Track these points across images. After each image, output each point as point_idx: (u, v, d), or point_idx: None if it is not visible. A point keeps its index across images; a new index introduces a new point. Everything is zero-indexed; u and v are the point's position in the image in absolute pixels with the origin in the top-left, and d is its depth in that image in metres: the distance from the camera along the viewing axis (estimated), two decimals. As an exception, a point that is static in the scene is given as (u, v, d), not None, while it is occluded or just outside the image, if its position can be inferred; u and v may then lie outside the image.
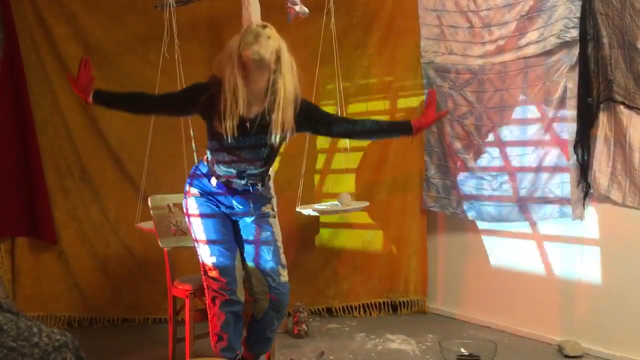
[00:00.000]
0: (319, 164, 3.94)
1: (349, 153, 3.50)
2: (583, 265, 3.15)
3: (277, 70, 2.27)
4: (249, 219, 2.52)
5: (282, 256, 2.55)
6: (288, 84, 2.29)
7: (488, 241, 3.61)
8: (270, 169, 2.61)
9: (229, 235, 2.52)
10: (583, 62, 2.99)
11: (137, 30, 3.71)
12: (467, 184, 3.54)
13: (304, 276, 3.81)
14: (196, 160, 3.37)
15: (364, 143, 3.84)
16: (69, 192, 3.65)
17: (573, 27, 3.01)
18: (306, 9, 2.39)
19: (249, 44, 2.23)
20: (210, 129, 2.43)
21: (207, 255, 2.48)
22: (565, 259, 3.25)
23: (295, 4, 2.36)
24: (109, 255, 3.72)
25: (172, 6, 3.25)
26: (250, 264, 2.52)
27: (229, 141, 2.33)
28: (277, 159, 3.72)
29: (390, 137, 2.83)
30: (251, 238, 2.51)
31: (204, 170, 2.51)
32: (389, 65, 3.83)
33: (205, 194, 2.51)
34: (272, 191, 2.66)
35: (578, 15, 2.99)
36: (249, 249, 2.52)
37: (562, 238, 3.25)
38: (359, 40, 3.84)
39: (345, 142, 3.52)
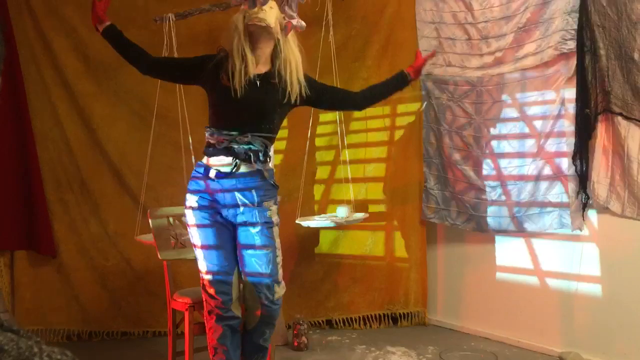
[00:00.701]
0: (319, 176, 3.94)
1: (348, 165, 3.51)
2: (583, 276, 3.15)
3: (282, 37, 2.43)
4: (253, 229, 2.45)
5: (280, 271, 2.52)
6: (294, 48, 2.46)
7: (488, 252, 3.61)
8: (271, 151, 2.55)
9: (228, 251, 2.48)
10: (580, 73, 3.00)
11: (136, 43, 3.72)
12: (467, 195, 3.54)
13: (304, 288, 3.80)
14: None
15: (363, 155, 3.85)
16: (69, 205, 3.66)
17: (570, 39, 3.03)
18: (303, 23, 2.40)
19: (254, 12, 2.38)
20: (216, 88, 2.43)
21: (205, 271, 2.47)
22: (565, 269, 3.24)
23: (293, 17, 2.36)
24: (108, 268, 3.71)
25: (172, 20, 3.27)
26: (246, 278, 2.50)
27: (238, 94, 2.34)
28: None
29: (391, 93, 2.79)
30: (250, 251, 2.47)
31: (201, 170, 2.47)
32: (387, 76, 3.83)
33: (205, 200, 2.45)
34: (274, 179, 2.58)
35: (575, 27, 3.01)
36: (247, 262, 2.48)
37: (562, 248, 3.25)
38: (358, 52, 3.86)
39: (345, 154, 3.53)
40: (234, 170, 2.41)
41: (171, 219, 3.00)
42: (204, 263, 2.47)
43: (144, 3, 3.72)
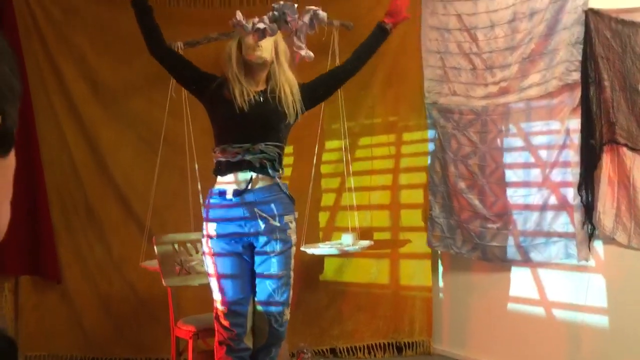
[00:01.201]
0: (324, 203, 3.95)
1: (353, 192, 3.52)
2: (589, 307, 3.12)
3: (276, 60, 2.47)
4: (272, 254, 2.42)
5: (290, 293, 2.52)
6: (286, 69, 2.49)
7: (494, 281, 3.59)
8: (281, 164, 2.54)
9: (245, 280, 2.45)
10: (585, 104, 3.02)
11: (145, 71, 3.77)
12: (472, 223, 3.54)
13: (308, 315, 3.78)
14: (201, 199, 3.39)
15: (369, 183, 3.85)
16: (74, 231, 3.66)
17: (574, 70, 3.05)
18: (311, 54, 2.43)
19: (251, 48, 2.40)
20: (221, 104, 2.44)
21: (220, 302, 2.45)
22: (571, 300, 3.22)
23: (301, 48, 2.39)
24: (112, 294, 3.70)
25: (181, 48, 3.31)
26: (259, 307, 2.48)
27: (245, 110, 2.37)
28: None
29: (376, 47, 2.79)
30: (267, 280, 2.43)
31: (216, 195, 2.45)
32: (393, 105, 3.88)
33: (225, 226, 2.42)
34: (290, 194, 2.57)
35: (579, 58, 3.03)
36: (263, 290, 2.45)
37: (568, 279, 3.23)
38: (364, 81, 3.88)
39: (350, 182, 3.54)
40: (250, 187, 2.40)
41: (176, 246, 3.01)
42: (220, 294, 2.44)
43: (153, 31, 3.77)
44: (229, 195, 2.41)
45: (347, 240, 3.41)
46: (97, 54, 3.70)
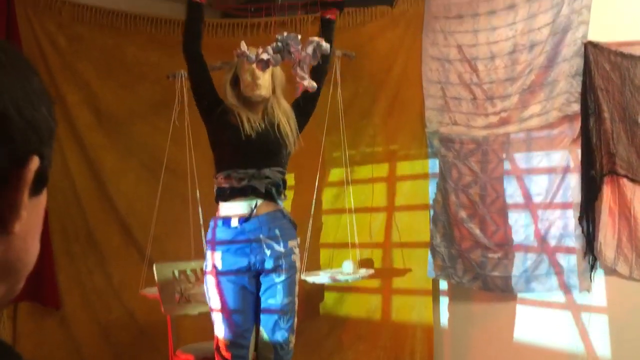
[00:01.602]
0: (324, 230, 3.94)
1: (354, 220, 3.51)
2: (591, 338, 3.10)
3: (273, 93, 2.53)
4: (277, 280, 2.42)
5: (295, 320, 2.50)
6: (283, 102, 2.54)
7: (495, 312, 3.57)
8: (285, 189, 2.56)
9: (249, 312, 2.44)
10: (585, 135, 3.04)
11: (148, 98, 3.81)
12: (473, 253, 3.53)
13: (308, 345, 3.74)
14: (202, 226, 3.40)
15: (369, 211, 3.85)
16: (75, 257, 3.66)
17: (574, 102, 3.08)
18: (314, 83, 2.46)
19: (249, 87, 2.44)
20: (227, 128, 2.46)
21: (222, 334, 2.42)
22: (573, 331, 3.20)
23: (304, 78, 2.42)
24: (111, 321, 3.68)
25: (184, 77, 3.35)
26: (264, 335, 2.45)
27: (247, 132, 2.39)
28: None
29: (331, 39, 2.70)
30: (273, 308, 2.43)
31: (220, 224, 2.45)
32: (394, 134, 3.90)
33: (230, 255, 2.41)
34: (293, 219, 2.59)
35: (579, 90, 3.06)
36: (268, 319, 2.44)
37: (570, 310, 3.22)
38: (365, 110, 3.92)
39: (351, 210, 3.54)
40: (254, 213, 2.40)
41: (177, 273, 3.01)
42: (222, 327, 2.41)
43: (157, 59, 3.82)
44: (234, 223, 2.40)
45: (347, 269, 3.40)
46: (101, 81, 3.74)
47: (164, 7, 4.17)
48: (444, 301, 3.87)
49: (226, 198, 2.44)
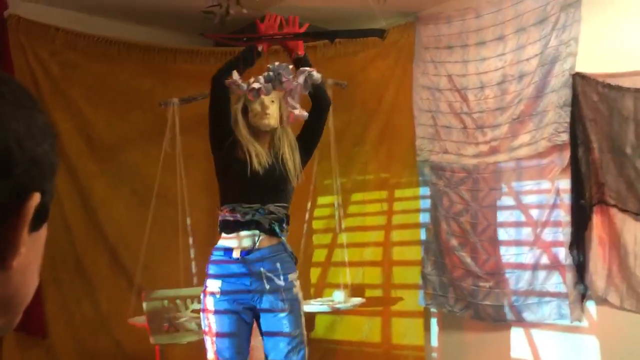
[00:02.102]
0: (315, 259, 3.93)
1: (345, 248, 3.51)
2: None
3: (281, 124, 2.51)
4: (281, 314, 2.39)
5: (306, 351, 2.45)
6: (289, 133, 2.53)
7: (487, 341, 3.55)
8: (288, 224, 2.53)
9: (243, 340, 2.40)
10: (575, 165, 3.07)
11: (140, 125, 3.82)
12: (464, 281, 3.52)
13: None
14: (192, 254, 3.38)
15: (361, 239, 3.85)
16: (62, 285, 3.61)
17: (563, 132, 3.11)
18: (305, 113, 2.48)
19: (258, 116, 2.44)
20: (235, 163, 2.44)
21: None
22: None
23: (295, 108, 2.44)
24: (98, 350, 3.62)
25: (176, 104, 3.36)
26: None
27: (255, 168, 2.39)
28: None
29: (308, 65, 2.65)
30: (279, 337, 2.38)
31: (221, 252, 2.44)
32: (385, 162, 3.92)
33: (230, 284, 2.39)
34: (293, 252, 2.55)
35: (568, 120, 3.09)
36: (277, 352, 2.38)
37: (561, 339, 3.20)
38: (357, 137, 3.94)
39: (342, 238, 3.54)
40: (257, 244, 2.40)
41: (166, 302, 2.97)
42: (212, 352, 2.39)
43: (150, 87, 3.84)
44: (236, 255, 2.40)
45: (338, 298, 3.38)
46: (94, 108, 3.74)
47: (157, 35, 4.21)
48: (436, 330, 3.84)
49: (230, 230, 2.44)
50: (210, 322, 2.40)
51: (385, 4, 2.45)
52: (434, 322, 3.84)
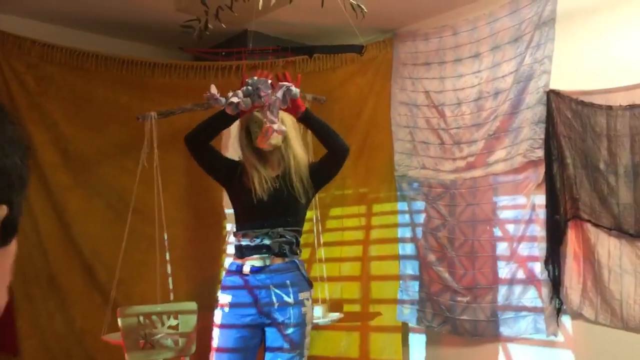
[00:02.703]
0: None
1: (324, 263, 3.50)
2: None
3: (285, 141, 2.51)
4: (285, 330, 2.38)
5: None
6: (296, 148, 2.53)
7: (464, 356, 3.55)
8: (299, 246, 2.54)
9: (248, 357, 2.41)
10: (549, 180, 3.11)
11: (117, 139, 3.78)
12: (442, 296, 3.54)
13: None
14: (169, 270, 3.34)
15: (339, 254, 3.85)
16: (34, 301, 3.53)
17: (538, 148, 3.16)
18: (284, 127, 2.48)
19: (258, 139, 2.46)
20: (242, 192, 2.47)
21: None
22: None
23: (274, 122, 2.44)
24: (71, 369, 3.54)
25: (154, 118, 3.34)
26: None
27: (264, 199, 2.40)
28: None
29: (320, 132, 2.65)
30: (278, 353, 2.38)
31: (233, 267, 2.48)
32: (364, 177, 3.93)
33: (240, 297, 2.40)
34: (308, 275, 2.55)
35: (542, 136, 3.15)
36: None
37: (537, 354, 3.22)
38: (335, 153, 3.95)
39: (320, 253, 3.53)
40: (267, 263, 2.40)
41: (141, 318, 2.93)
42: None
43: (128, 100, 3.81)
44: (246, 270, 2.43)
45: (317, 313, 3.36)
46: (69, 121, 3.70)
47: (135, 48, 4.19)
48: (414, 345, 3.84)
49: (241, 255, 2.47)
50: (215, 336, 2.40)
51: (364, 20, 2.47)
52: (412, 337, 3.84)
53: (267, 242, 2.42)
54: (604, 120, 2.93)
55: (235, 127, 3.57)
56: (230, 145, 3.58)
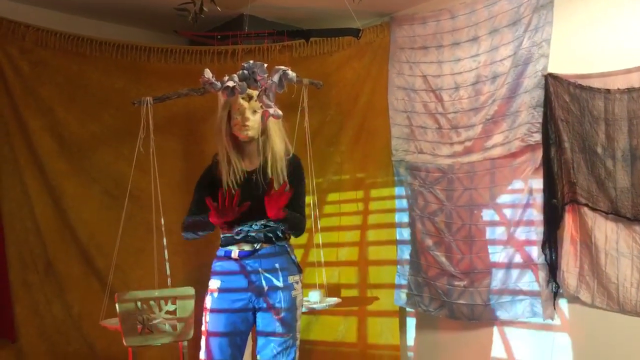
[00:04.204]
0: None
1: (321, 248, 3.50)
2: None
3: (265, 132, 2.45)
4: (275, 315, 2.38)
5: (296, 356, 2.43)
6: (276, 144, 2.46)
7: (461, 340, 3.57)
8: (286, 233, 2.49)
9: (237, 341, 2.40)
10: (547, 164, 3.11)
11: (113, 124, 3.76)
12: (439, 281, 3.54)
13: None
14: (166, 256, 3.34)
15: (337, 239, 3.85)
16: (32, 287, 3.52)
17: (536, 132, 3.15)
18: (280, 112, 2.45)
19: (237, 127, 2.42)
20: (216, 186, 2.45)
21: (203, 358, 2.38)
22: (538, 358, 3.22)
23: (270, 107, 2.41)
24: (70, 354, 3.55)
25: (150, 103, 3.32)
26: None
27: (228, 187, 2.38)
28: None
29: (288, 228, 2.52)
30: (271, 337, 2.38)
31: (222, 252, 2.47)
32: (361, 162, 3.92)
33: (229, 282, 2.41)
34: (297, 260, 2.52)
35: (540, 120, 3.14)
36: (264, 347, 2.39)
37: (534, 337, 3.24)
38: (332, 138, 3.94)
39: (318, 238, 3.53)
40: (256, 247, 2.40)
41: (139, 303, 2.93)
42: (204, 351, 2.37)
43: (123, 85, 3.78)
44: (234, 255, 2.42)
45: (314, 298, 3.37)
46: (65, 107, 3.67)
47: (130, 32, 4.15)
48: (411, 330, 3.86)
49: (227, 245, 2.45)
50: (206, 321, 2.41)
51: (360, 4, 2.45)
52: (409, 321, 3.86)
53: (251, 233, 2.41)
54: (601, 104, 2.92)
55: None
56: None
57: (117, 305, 2.86)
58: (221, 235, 2.50)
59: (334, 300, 3.44)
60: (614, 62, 2.91)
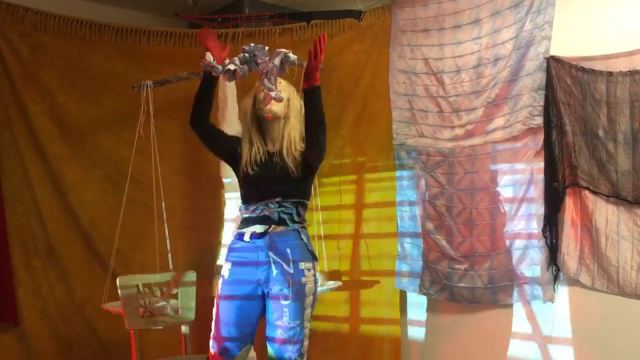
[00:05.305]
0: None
1: (322, 233, 3.51)
2: (555, 346, 3.14)
3: (286, 115, 2.53)
4: (284, 301, 2.38)
5: (306, 344, 2.44)
6: (293, 128, 2.53)
7: (462, 322, 3.59)
8: (302, 217, 2.50)
9: (247, 327, 2.42)
10: (548, 148, 3.10)
11: (113, 108, 3.75)
12: (440, 264, 3.55)
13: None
14: (168, 240, 3.35)
15: (335, 217, 3.85)
16: (35, 271, 3.55)
17: (537, 115, 3.14)
18: (282, 95, 2.46)
19: (262, 104, 2.48)
20: (237, 167, 2.55)
21: (211, 342, 2.42)
22: (538, 341, 3.24)
23: (271, 90, 2.42)
24: (72, 337, 3.58)
25: (150, 87, 3.31)
26: (270, 351, 2.42)
27: (251, 174, 2.45)
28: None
29: (313, 111, 2.49)
30: (278, 322, 2.38)
31: (234, 240, 2.51)
32: (362, 146, 3.91)
33: (238, 265, 2.43)
34: (313, 248, 2.53)
35: (542, 103, 3.12)
36: (273, 333, 2.40)
37: (535, 320, 3.25)
38: (333, 121, 3.92)
39: (318, 216, 3.53)
40: (269, 230, 2.42)
41: (141, 287, 2.94)
42: (212, 337, 2.41)
43: (123, 69, 3.77)
44: (247, 238, 2.45)
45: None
46: (65, 91, 3.66)
47: (130, 16, 4.13)
48: (412, 313, 3.87)
49: (243, 226, 2.49)
50: (216, 306, 2.43)
51: (361, -15, 2.43)
52: (410, 304, 3.87)
53: (266, 212, 2.43)
54: (603, 87, 2.90)
55: (230, 97, 3.56)
56: (227, 116, 3.56)
57: (119, 289, 2.88)
58: (240, 216, 2.53)
59: (335, 283, 3.45)
60: (616, 45, 2.89)
